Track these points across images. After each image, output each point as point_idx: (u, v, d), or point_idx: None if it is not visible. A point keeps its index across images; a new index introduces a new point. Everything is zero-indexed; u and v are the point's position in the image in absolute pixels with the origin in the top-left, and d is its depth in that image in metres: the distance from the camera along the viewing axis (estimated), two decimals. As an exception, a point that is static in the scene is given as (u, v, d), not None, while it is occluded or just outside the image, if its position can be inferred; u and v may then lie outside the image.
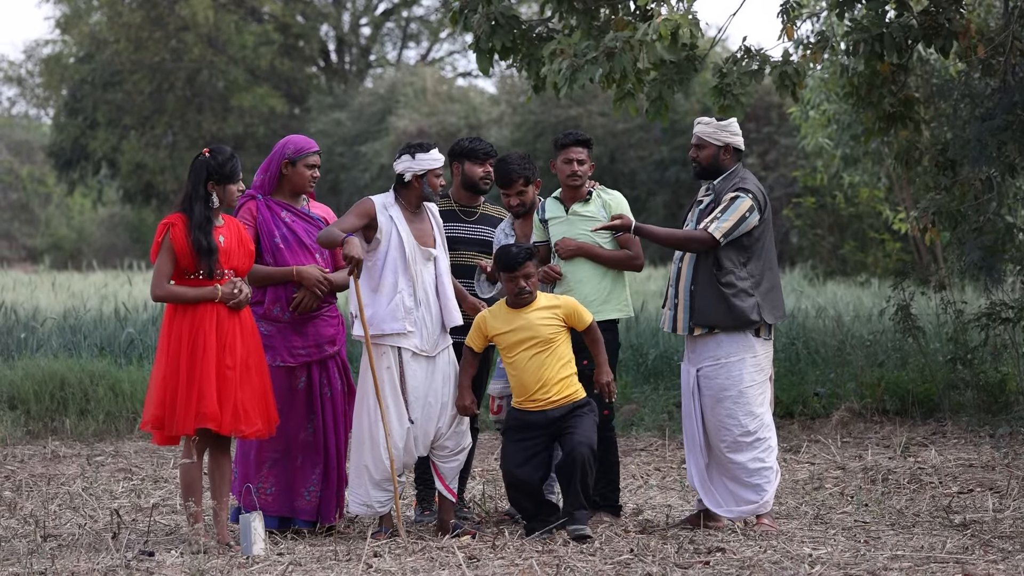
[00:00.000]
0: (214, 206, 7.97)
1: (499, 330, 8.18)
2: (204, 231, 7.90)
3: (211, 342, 7.86)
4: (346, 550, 7.77)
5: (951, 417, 12.70)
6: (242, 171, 8.09)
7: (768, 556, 7.44)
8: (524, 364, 8.14)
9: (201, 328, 7.87)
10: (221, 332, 7.89)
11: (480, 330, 8.24)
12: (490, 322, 8.22)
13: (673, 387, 13.45)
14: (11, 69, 48.56)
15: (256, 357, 8.01)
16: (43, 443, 12.59)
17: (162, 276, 7.93)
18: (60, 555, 7.70)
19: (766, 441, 8.40)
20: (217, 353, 7.87)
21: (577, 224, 8.69)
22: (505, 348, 8.19)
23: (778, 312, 8.42)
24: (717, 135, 8.45)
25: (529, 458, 8.12)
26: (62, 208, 51.15)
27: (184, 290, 7.93)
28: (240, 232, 8.09)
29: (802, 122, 18.87)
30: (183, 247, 7.89)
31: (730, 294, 8.26)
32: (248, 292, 8.01)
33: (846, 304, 18.22)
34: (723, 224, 8.26)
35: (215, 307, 7.92)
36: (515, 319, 8.15)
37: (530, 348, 8.11)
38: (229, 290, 7.92)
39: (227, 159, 8.00)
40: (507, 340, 8.16)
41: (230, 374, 7.86)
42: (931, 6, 11.02)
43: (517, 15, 11.41)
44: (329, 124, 36.70)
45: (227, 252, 7.97)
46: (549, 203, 8.83)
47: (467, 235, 8.93)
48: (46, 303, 20.45)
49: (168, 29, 38.90)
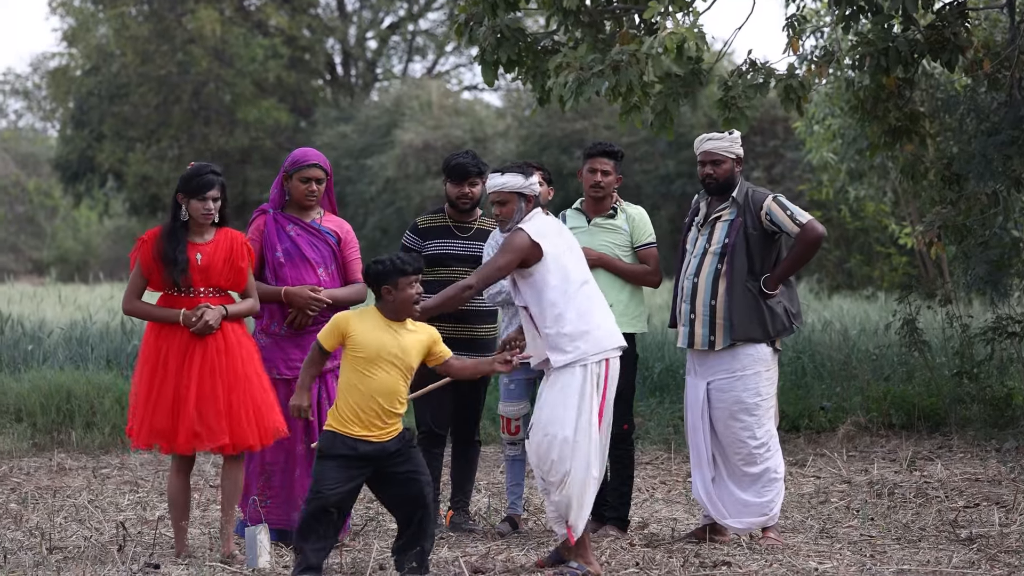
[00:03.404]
0: (183, 219, 7.96)
1: (364, 337, 7.35)
2: (170, 243, 7.90)
3: (172, 359, 7.88)
4: (351, 563, 7.78)
5: (957, 431, 12.72)
6: (224, 185, 8.00)
7: (774, 570, 7.46)
8: (375, 385, 7.35)
9: (166, 344, 7.90)
10: (188, 349, 7.88)
11: (340, 329, 7.37)
12: (355, 324, 7.38)
13: (679, 400, 13.46)
14: (18, 82, 48.72)
15: (246, 369, 7.98)
16: (49, 455, 12.61)
17: (131, 291, 8.01)
18: (66, 567, 7.71)
19: (777, 453, 8.43)
20: (177, 371, 7.87)
21: (599, 235, 8.75)
22: (362, 360, 7.35)
23: (794, 308, 8.46)
24: (731, 148, 8.50)
25: (352, 489, 7.41)
26: (68, 221, 51.24)
27: (149, 309, 7.99)
28: (233, 250, 8.03)
29: (807, 136, 18.88)
30: (147, 262, 7.92)
31: (767, 303, 8.29)
32: (212, 319, 7.88)
33: (852, 318, 18.23)
34: (801, 213, 8.35)
35: (179, 330, 7.91)
36: (385, 332, 7.40)
37: (396, 369, 7.37)
38: (190, 316, 7.88)
39: (194, 174, 7.96)
40: (373, 352, 7.34)
41: (186, 393, 7.84)
42: (937, 20, 11.03)
43: (523, 28, 11.43)
44: (335, 137, 36.74)
45: (203, 270, 7.93)
46: (570, 213, 8.88)
47: (459, 251, 8.94)
48: (52, 315, 20.48)
49: (175, 42, 38.97)
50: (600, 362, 7.52)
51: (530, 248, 7.54)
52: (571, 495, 7.45)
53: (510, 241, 7.59)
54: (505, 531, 8.86)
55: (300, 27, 41.57)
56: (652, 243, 8.87)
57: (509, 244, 7.58)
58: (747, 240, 8.33)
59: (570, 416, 7.42)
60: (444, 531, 8.83)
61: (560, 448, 7.42)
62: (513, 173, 7.67)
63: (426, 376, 7.84)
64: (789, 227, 8.29)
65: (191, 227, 7.97)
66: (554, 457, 7.44)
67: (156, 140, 39.41)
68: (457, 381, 8.71)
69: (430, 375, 7.78)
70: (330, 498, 7.28)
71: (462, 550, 8.20)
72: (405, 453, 7.40)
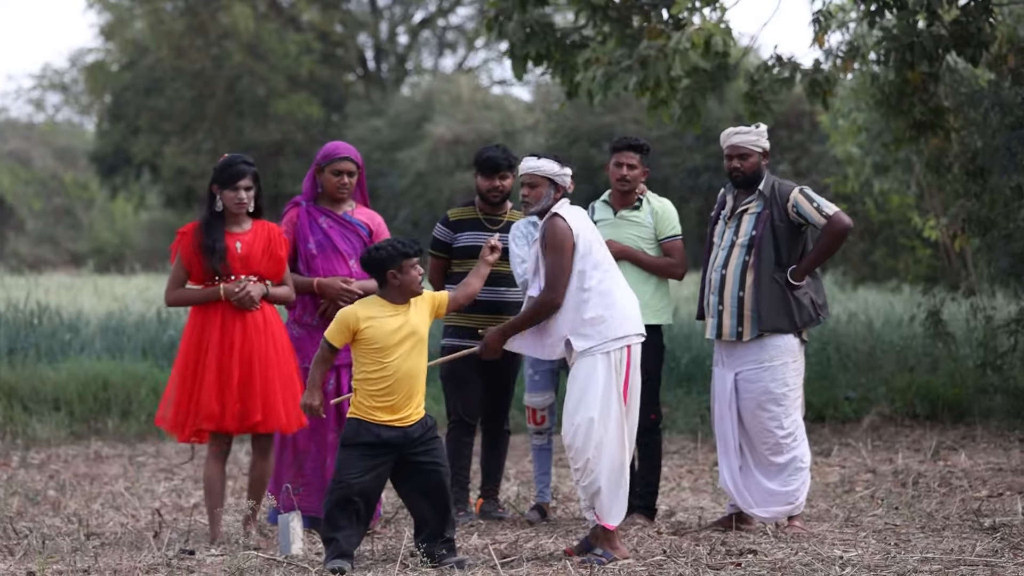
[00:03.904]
0: (218, 209, 8.09)
1: (376, 329, 7.37)
2: (208, 233, 8.03)
3: (213, 345, 7.99)
4: (383, 550, 7.85)
5: (981, 421, 12.73)
6: (257, 175, 8.12)
7: (799, 558, 7.48)
8: (398, 371, 7.39)
9: (207, 334, 8.02)
10: (228, 331, 8.01)
11: (349, 326, 7.39)
12: (363, 318, 7.37)
13: (706, 390, 13.52)
14: (56, 76, 48.92)
15: (279, 355, 8.10)
16: (86, 444, 12.74)
17: (172, 283, 8.12)
18: (103, 553, 7.81)
19: (803, 443, 8.47)
20: (218, 354, 7.99)
21: (624, 228, 8.79)
22: (378, 351, 7.39)
23: (820, 299, 8.48)
24: (758, 142, 8.48)
25: (377, 476, 7.43)
26: (105, 213, 51.39)
27: (191, 292, 8.09)
28: (270, 240, 8.16)
29: (832, 130, 18.90)
30: (187, 254, 8.04)
31: (793, 294, 8.34)
32: (255, 292, 8.03)
33: (877, 310, 18.18)
34: (828, 204, 8.38)
35: (221, 311, 8.03)
36: (394, 317, 7.42)
37: (411, 347, 7.42)
38: (232, 288, 8.02)
39: (226, 165, 8.09)
40: (387, 340, 7.40)
41: (228, 375, 7.97)
42: (961, 16, 11.09)
43: (552, 23, 11.53)
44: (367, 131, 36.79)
45: (243, 258, 8.05)
46: (598, 205, 8.93)
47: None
48: (89, 306, 20.53)
49: (209, 37, 39.09)
50: (622, 348, 7.59)
51: (571, 234, 7.64)
52: (598, 481, 7.50)
53: (553, 234, 7.62)
54: (534, 519, 8.91)
55: (332, 22, 41.65)
56: (677, 236, 8.89)
57: (554, 238, 7.62)
58: (774, 232, 8.35)
59: (595, 401, 7.48)
60: (474, 519, 8.88)
61: (586, 433, 7.48)
62: (549, 159, 7.75)
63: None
64: (816, 219, 8.32)
65: (227, 217, 8.09)
66: (579, 444, 7.51)
67: (191, 133, 39.52)
68: (486, 371, 8.85)
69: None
70: (353, 486, 7.32)
71: (491, 537, 8.25)
72: (427, 442, 7.44)
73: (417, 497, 7.50)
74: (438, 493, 7.46)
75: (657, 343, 8.73)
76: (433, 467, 7.45)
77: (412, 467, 7.45)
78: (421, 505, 7.50)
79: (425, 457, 7.44)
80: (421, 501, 7.49)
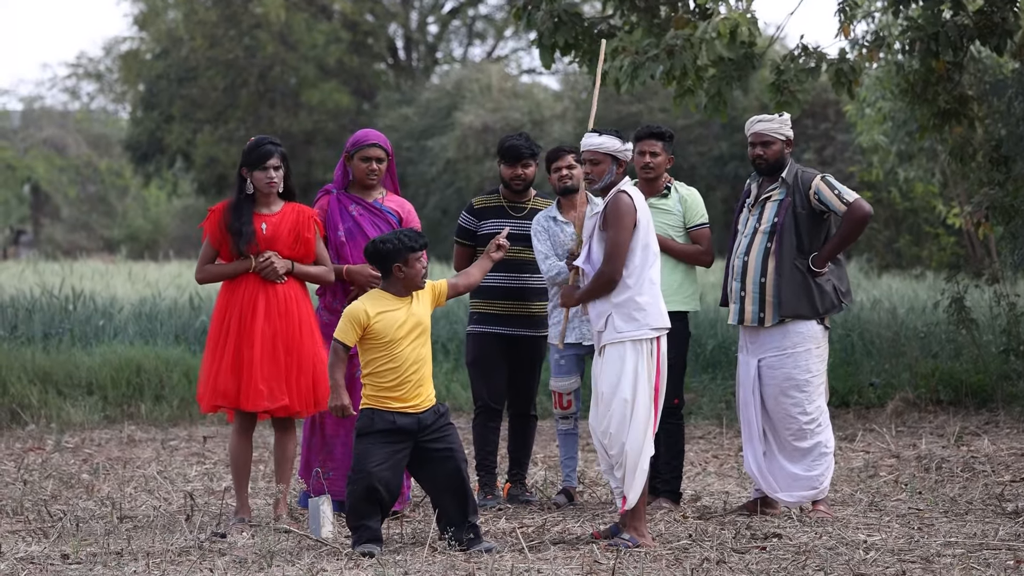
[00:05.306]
0: (248, 191, 8.20)
1: (383, 324, 7.44)
2: (236, 214, 8.14)
3: (234, 321, 8.12)
4: (411, 534, 7.92)
5: (1004, 407, 12.72)
6: (285, 155, 8.22)
7: (823, 542, 7.52)
8: (406, 360, 7.47)
9: (232, 309, 8.14)
10: (251, 309, 8.12)
11: (358, 323, 7.43)
12: (371, 314, 7.44)
13: (731, 376, 13.57)
14: (91, 65, 49.18)
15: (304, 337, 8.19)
16: (120, 427, 12.82)
17: (203, 260, 8.24)
18: (136, 536, 7.90)
19: (827, 428, 8.52)
20: (238, 331, 8.11)
21: (653, 216, 8.78)
22: (386, 344, 7.46)
23: (844, 286, 8.52)
24: (781, 130, 8.50)
25: (395, 464, 7.51)
26: (138, 200, 51.68)
27: (220, 268, 8.21)
28: (299, 221, 8.24)
29: (858, 119, 18.91)
30: (215, 233, 8.16)
31: (815, 281, 8.39)
32: (279, 264, 8.15)
33: (901, 296, 18.13)
34: (848, 192, 8.41)
35: (243, 291, 8.15)
36: (399, 310, 7.51)
37: (417, 337, 7.52)
38: (260, 260, 8.15)
39: (254, 146, 8.20)
40: (396, 333, 7.46)
41: (249, 352, 8.08)
42: (986, 5, 11.11)
43: (579, 12, 11.60)
44: (396, 119, 36.90)
45: (269, 240, 8.15)
46: None
47: (514, 231, 8.87)
48: (123, 292, 20.64)
49: (242, 27, 39.27)
50: (652, 340, 7.63)
51: (635, 213, 7.67)
52: (626, 465, 7.58)
53: (617, 209, 7.61)
54: (561, 503, 8.96)
55: (363, 12, 41.76)
56: (704, 224, 8.95)
57: (618, 213, 7.60)
58: (796, 219, 8.39)
59: (628, 385, 7.54)
60: (501, 503, 8.94)
61: (619, 417, 7.54)
62: (610, 136, 7.72)
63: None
64: (836, 206, 8.35)
65: (258, 199, 8.20)
66: (613, 430, 7.57)
67: (223, 122, 39.68)
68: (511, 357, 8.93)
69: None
70: (375, 474, 7.36)
71: (519, 521, 8.30)
72: (440, 429, 7.51)
73: (435, 484, 7.56)
74: (455, 479, 7.51)
75: (683, 329, 8.81)
76: (448, 453, 7.51)
77: (428, 455, 7.51)
78: (440, 492, 7.55)
79: (440, 444, 7.51)
80: (439, 488, 7.55)
